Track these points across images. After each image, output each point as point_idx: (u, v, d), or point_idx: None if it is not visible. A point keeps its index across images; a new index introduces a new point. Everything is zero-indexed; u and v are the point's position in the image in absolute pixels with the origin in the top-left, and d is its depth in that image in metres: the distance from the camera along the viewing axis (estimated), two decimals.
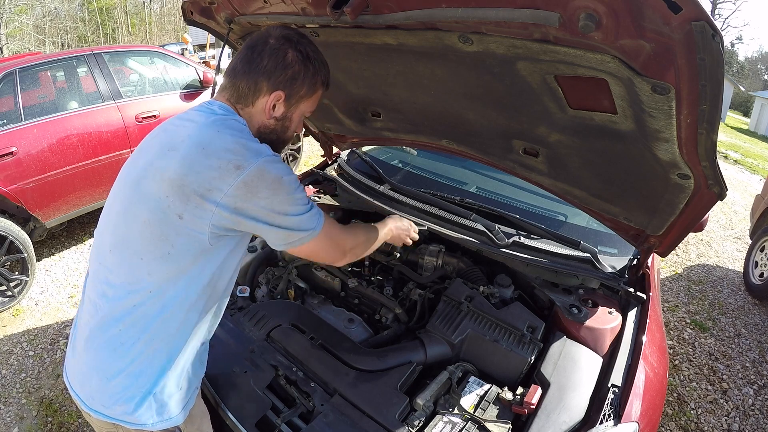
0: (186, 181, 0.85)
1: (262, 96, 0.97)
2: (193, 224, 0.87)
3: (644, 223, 1.36)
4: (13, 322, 3.01)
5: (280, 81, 0.96)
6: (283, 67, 0.96)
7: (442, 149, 1.71)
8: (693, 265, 4.31)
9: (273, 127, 1.02)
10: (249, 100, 0.98)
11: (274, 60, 0.95)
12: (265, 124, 1.01)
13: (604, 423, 1.13)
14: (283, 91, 0.97)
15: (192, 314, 0.96)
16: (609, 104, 0.95)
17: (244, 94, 0.97)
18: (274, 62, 0.95)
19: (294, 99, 1.00)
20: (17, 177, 3.06)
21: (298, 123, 1.07)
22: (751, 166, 9.99)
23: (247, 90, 0.97)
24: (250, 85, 0.96)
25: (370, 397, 1.22)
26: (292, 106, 1.01)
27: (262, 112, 0.99)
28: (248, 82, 0.96)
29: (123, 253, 0.92)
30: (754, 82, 45.68)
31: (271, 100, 0.97)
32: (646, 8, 0.64)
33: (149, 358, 0.93)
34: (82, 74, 3.68)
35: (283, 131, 1.04)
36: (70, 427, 2.23)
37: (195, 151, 0.87)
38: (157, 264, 0.89)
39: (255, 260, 1.81)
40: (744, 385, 2.76)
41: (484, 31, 0.89)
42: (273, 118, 1.00)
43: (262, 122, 1.00)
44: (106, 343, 0.93)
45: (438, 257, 1.79)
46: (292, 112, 1.03)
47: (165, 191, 0.86)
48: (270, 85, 0.96)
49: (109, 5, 29.75)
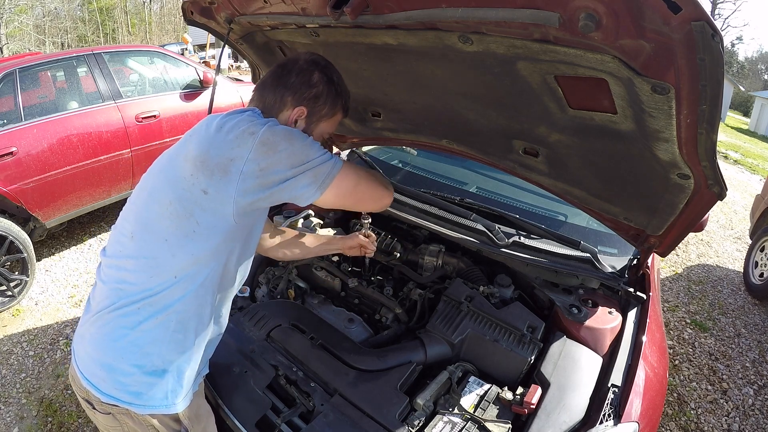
0: (208, 156, 0.92)
1: (286, 109, 1.05)
2: (218, 199, 0.92)
3: (644, 223, 1.36)
4: (13, 322, 3.01)
5: (304, 98, 1.05)
6: (308, 86, 1.05)
7: (442, 149, 1.71)
8: (693, 265, 4.31)
9: None
10: (273, 113, 1.04)
11: (301, 78, 1.05)
12: None
13: (604, 423, 1.13)
14: (306, 107, 1.05)
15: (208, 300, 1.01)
16: (609, 104, 0.95)
17: (269, 105, 1.05)
18: (301, 80, 1.04)
19: (315, 117, 1.08)
20: (17, 177, 3.06)
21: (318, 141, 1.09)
22: (751, 166, 9.99)
23: (273, 102, 1.04)
24: (276, 99, 1.04)
25: (370, 396, 1.22)
26: (312, 123, 1.09)
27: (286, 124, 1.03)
28: (275, 96, 1.04)
29: (146, 237, 0.96)
30: (754, 82, 45.68)
31: (293, 114, 1.05)
32: (646, 8, 0.64)
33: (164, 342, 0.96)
34: (82, 74, 3.68)
35: None
36: (70, 427, 2.23)
37: (213, 130, 0.94)
38: (181, 245, 0.93)
39: (255, 260, 1.80)
40: (744, 385, 2.76)
41: (484, 31, 0.89)
42: None
43: None
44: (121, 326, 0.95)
45: (438, 257, 1.79)
46: (312, 129, 1.10)
47: (189, 170, 0.93)
48: (294, 100, 1.04)
49: (109, 5, 29.75)
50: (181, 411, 1.03)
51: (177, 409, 1.02)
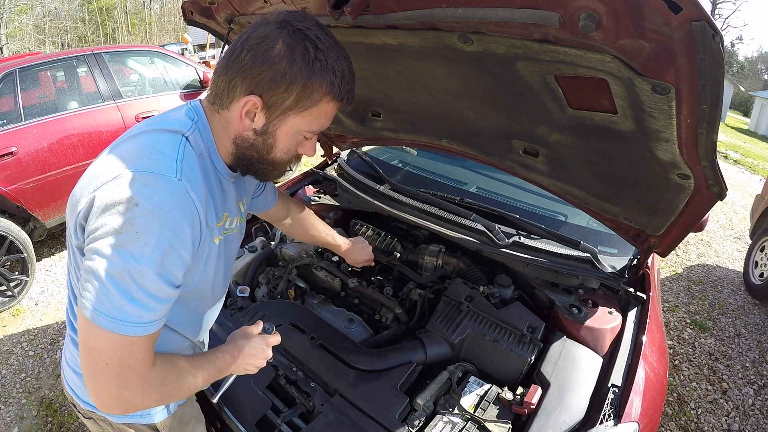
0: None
1: (236, 99, 0.75)
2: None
3: (644, 223, 1.36)
4: (13, 322, 3.01)
5: (257, 82, 0.72)
6: (262, 64, 0.71)
7: (442, 149, 1.71)
8: (693, 265, 4.31)
9: (252, 141, 0.80)
10: (224, 102, 0.77)
11: (254, 53, 0.71)
12: (242, 135, 0.80)
13: (604, 423, 1.13)
14: (260, 96, 0.73)
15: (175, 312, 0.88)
16: (609, 104, 0.95)
17: (220, 92, 0.77)
18: (254, 56, 0.71)
19: (277, 109, 0.75)
20: (17, 177, 3.06)
21: (289, 143, 0.81)
22: (751, 166, 9.99)
23: (222, 89, 0.76)
24: (225, 84, 0.75)
25: (370, 397, 1.22)
26: (275, 118, 0.77)
27: (238, 119, 0.77)
28: (225, 79, 0.75)
29: None
30: (754, 82, 45.68)
31: (243, 105, 0.75)
32: (646, 8, 0.64)
33: None
34: (82, 74, 3.68)
35: (265, 149, 0.81)
36: (70, 427, 2.23)
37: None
38: None
39: (255, 260, 1.81)
40: (744, 385, 2.76)
41: (484, 31, 0.89)
42: (251, 129, 0.78)
43: (239, 132, 0.80)
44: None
45: (438, 257, 1.79)
46: (276, 126, 0.78)
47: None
48: (245, 86, 0.73)
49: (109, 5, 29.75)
50: (159, 421, 0.99)
51: (153, 419, 0.98)
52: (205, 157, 0.80)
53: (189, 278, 0.81)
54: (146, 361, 0.71)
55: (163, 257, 0.68)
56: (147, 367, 0.71)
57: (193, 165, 0.75)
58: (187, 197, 0.71)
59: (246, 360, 0.95)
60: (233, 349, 0.93)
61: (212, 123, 0.81)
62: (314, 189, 2.23)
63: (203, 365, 0.84)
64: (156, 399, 0.74)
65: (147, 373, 0.71)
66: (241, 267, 1.76)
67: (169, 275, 0.70)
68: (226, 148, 0.83)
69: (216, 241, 0.85)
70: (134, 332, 0.67)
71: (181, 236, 0.70)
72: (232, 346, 0.94)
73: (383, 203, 1.91)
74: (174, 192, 0.69)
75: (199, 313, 0.99)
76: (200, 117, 0.81)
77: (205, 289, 0.92)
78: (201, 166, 0.78)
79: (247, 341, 0.96)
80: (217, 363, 0.88)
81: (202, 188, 0.76)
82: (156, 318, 0.70)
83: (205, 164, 0.80)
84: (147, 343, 0.70)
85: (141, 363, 0.70)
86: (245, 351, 0.94)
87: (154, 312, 0.69)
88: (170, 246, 0.68)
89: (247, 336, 0.98)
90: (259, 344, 0.98)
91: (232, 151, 0.83)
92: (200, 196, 0.74)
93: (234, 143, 0.82)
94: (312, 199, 2.13)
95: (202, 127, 0.80)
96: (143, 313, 0.67)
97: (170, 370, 0.76)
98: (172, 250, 0.69)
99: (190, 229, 0.72)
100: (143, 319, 0.68)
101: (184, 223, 0.70)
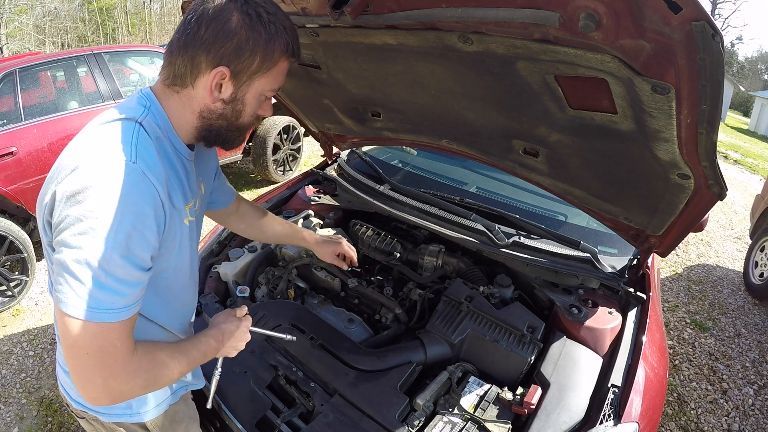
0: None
1: (202, 75, 0.79)
2: None
3: (644, 223, 1.36)
4: (13, 322, 3.01)
5: (222, 54, 0.77)
6: (224, 36, 0.76)
7: (442, 149, 1.71)
8: (693, 265, 4.31)
9: (221, 111, 0.84)
10: (187, 81, 0.80)
11: (214, 27, 0.75)
12: (209, 107, 0.83)
13: (604, 423, 1.13)
14: (227, 66, 0.77)
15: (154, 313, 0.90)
16: (609, 104, 0.95)
17: (180, 73, 0.79)
18: (214, 30, 0.75)
19: (244, 75, 0.80)
20: (17, 177, 3.06)
21: (255, 105, 0.87)
22: (751, 166, 9.99)
23: (183, 69, 0.79)
24: (187, 63, 0.78)
25: (370, 397, 1.22)
26: (243, 84, 0.81)
27: (205, 94, 0.80)
28: (184, 59, 0.78)
29: None
30: (754, 82, 45.67)
31: (212, 78, 0.78)
32: (646, 8, 0.64)
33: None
34: (82, 74, 3.68)
35: (234, 116, 0.86)
36: (70, 427, 2.23)
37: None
38: None
39: (255, 260, 1.81)
40: (744, 385, 2.76)
41: (484, 31, 0.89)
42: (220, 100, 0.82)
43: (205, 105, 0.82)
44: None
45: (438, 257, 1.79)
46: (244, 92, 0.83)
47: None
48: (210, 60, 0.77)
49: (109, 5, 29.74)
50: (149, 420, 0.99)
51: (143, 418, 0.98)
52: (162, 139, 0.81)
53: (165, 262, 0.83)
54: (126, 347, 0.72)
55: (127, 240, 0.69)
56: (128, 353, 0.73)
57: (149, 148, 0.76)
58: (144, 178, 0.72)
59: (229, 343, 0.98)
60: (217, 333, 0.95)
61: (167, 105, 0.83)
62: (314, 189, 2.23)
63: (187, 349, 0.86)
64: (142, 385, 0.76)
65: (129, 359, 0.73)
66: (241, 267, 1.76)
67: (135, 258, 0.70)
68: (189, 125, 0.85)
69: (186, 222, 0.87)
70: (108, 319, 0.68)
71: (143, 218, 0.71)
72: (216, 330, 0.96)
73: (383, 203, 1.91)
74: (130, 174, 0.70)
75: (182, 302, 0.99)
76: (152, 102, 0.83)
77: (184, 273, 0.93)
78: (158, 148, 0.80)
79: (229, 325, 0.99)
80: (201, 347, 0.90)
81: (161, 169, 0.77)
82: (128, 303, 0.71)
83: (163, 146, 0.82)
84: (124, 330, 0.72)
85: (121, 350, 0.71)
86: (227, 334, 0.97)
87: (125, 297, 0.70)
88: (133, 228, 0.69)
89: (231, 319, 1.00)
90: (240, 327, 1.00)
91: (197, 125, 0.85)
92: (159, 177, 0.75)
93: (200, 117, 0.84)
94: (312, 199, 2.13)
95: (156, 111, 0.82)
96: (114, 298, 0.69)
97: (154, 356, 0.78)
98: (135, 232, 0.70)
99: (151, 210, 0.73)
100: (115, 305, 0.69)
101: (144, 204, 0.71)
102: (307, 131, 2.18)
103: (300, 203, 2.13)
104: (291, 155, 5.18)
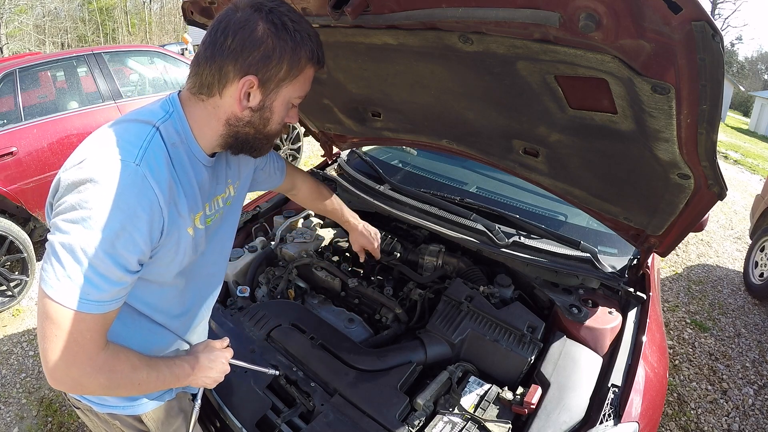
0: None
1: (230, 84, 0.79)
2: None
3: (644, 223, 1.36)
4: (13, 322, 3.01)
5: (250, 63, 0.77)
6: (252, 45, 0.76)
7: (442, 149, 1.71)
8: (693, 265, 4.31)
9: (249, 119, 0.85)
10: (214, 90, 0.81)
11: (241, 37, 0.76)
12: (237, 115, 0.84)
13: (604, 423, 1.13)
14: (255, 75, 0.78)
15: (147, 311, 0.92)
16: (609, 104, 0.95)
17: (207, 83, 0.80)
18: (241, 40, 0.76)
19: (272, 83, 0.81)
20: (17, 177, 3.06)
21: (283, 113, 0.88)
22: (751, 166, 9.99)
23: (211, 78, 0.79)
24: (214, 72, 0.79)
25: (370, 397, 1.22)
26: (270, 92, 0.82)
27: (233, 103, 0.82)
28: (212, 69, 0.79)
29: None
30: (754, 82, 45.67)
31: (241, 87, 0.79)
32: (647, 8, 0.64)
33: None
34: (82, 74, 3.68)
35: (262, 124, 0.86)
36: (70, 427, 2.23)
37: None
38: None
39: (255, 260, 1.81)
40: (744, 385, 2.76)
41: (485, 31, 0.89)
42: (248, 108, 0.83)
43: (232, 113, 0.83)
44: None
45: (438, 257, 1.79)
46: (272, 99, 0.84)
47: None
48: (238, 69, 0.78)
49: (109, 5, 29.74)
50: (144, 413, 1.00)
51: (137, 410, 0.99)
52: (178, 146, 0.82)
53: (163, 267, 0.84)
54: (95, 341, 0.73)
55: (114, 237, 0.69)
56: (96, 348, 0.73)
57: (158, 154, 0.77)
58: (145, 182, 0.73)
59: (203, 373, 0.96)
60: (192, 360, 0.95)
61: (192, 112, 0.84)
62: None
63: (159, 367, 0.86)
64: (104, 384, 0.76)
65: (96, 354, 0.74)
66: (241, 267, 1.76)
67: (119, 257, 0.71)
68: (214, 132, 0.85)
69: (190, 231, 0.86)
70: (81, 308, 0.69)
71: (134, 219, 0.71)
72: (191, 357, 0.96)
73: (383, 203, 1.91)
74: (130, 175, 0.71)
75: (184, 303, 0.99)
76: (176, 108, 0.83)
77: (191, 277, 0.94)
78: (173, 155, 0.80)
79: (206, 354, 0.98)
80: (174, 369, 0.89)
81: (166, 176, 0.77)
82: (105, 299, 0.71)
83: (178, 153, 0.82)
84: (96, 324, 0.72)
85: (90, 342, 0.72)
86: (202, 364, 0.95)
87: (102, 291, 0.71)
88: (122, 227, 0.70)
89: (208, 349, 0.99)
90: (218, 358, 0.99)
91: (223, 133, 0.85)
92: (161, 183, 0.75)
93: (227, 125, 0.84)
94: None
95: (178, 117, 0.82)
96: (90, 290, 0.69)
97: (122, 360, 0.79)
98: (124, 231, 0.70)
99: (145, 215, 0.73)
100: (90, 296, 0.70)
101: (138, 207, 0.72)
102: (307, 131, 2.18)
103: None
104: (291, 155, 5.19)
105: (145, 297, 0.88)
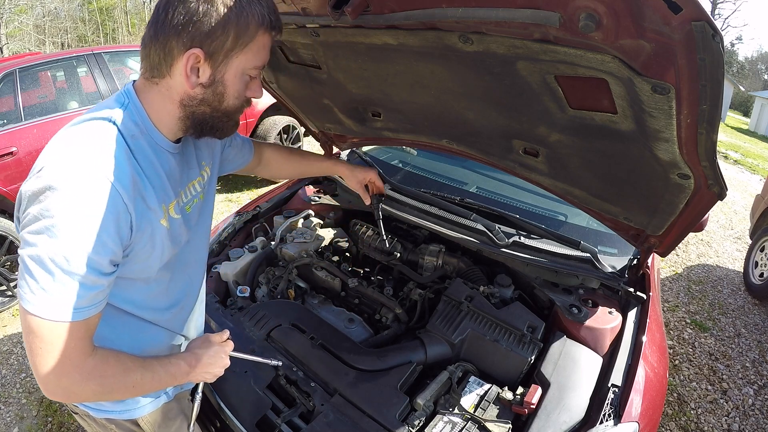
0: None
1: (176, 60, 0.75)
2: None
3: (644, 223, 1.36)
4: (13, 322, 3.01)
5: (193, 35, 0.73)
6: (193, 17, 0.72)
7: (442, 149, 1.71)
8: (693, 265, 4.31)
9: (202, 96, 0.80)
10: (163, 70, 0.77)
11: (181, 10, 0.72)
12: (189, 94, 0.79)
13: (604, 423, 1.13)
14: (200, 47, 0.74)
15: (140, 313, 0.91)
16: (609, 104, 0.95)
17: (155, 64, 0.77)
18: (181, 13, 0.72)
19: (220, 55, 0.76)
20: (17, 177, 3.07)
21: (238, 86, 0.82)
22: (751, 166, 9.99)
23: (158, 58, 0.76)
24: (159, 51, 0.75)
25: (370, 396, 1.22)
26: (219, 64, 0.77)
27: (183, 81, 0.77)
28: (157, 48, 0.75)
29: None
30: (754, 82, 45.65)
31: (186, 62, 0.74)
32: (647, 8, 0.64)
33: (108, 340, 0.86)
34: (82, 74, 3.68)
35: (217, 100, 0.81)
36: (70, 427, 2.23)
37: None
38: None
39: (255, 260, 1.81)
40: (744, 385, 2.76)
41: (485, 31, 0.89)
42: (199, 85, 0.78)
43: (185, 92, 0.79)
44: None
45: (438, 257, 1.79)
46: (223, 72, 0.78)
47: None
48: (181, 43, 0.73)
49: (109, 5, 29.74)
50: (140, 417, 0.99)
51: (134, 415, 0.98)
52: (138, 137, 0.79)
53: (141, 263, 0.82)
54: (80, 349, 0.72)
55: (81, 242, 0.68)
56: (83, 355, 0.72)
57: (118, 149, 0.74)
58: (105, 182, 0.71)
59: (204, 369, 0.94)
60: (190, 358, 0.92)
61: (147, 99, 0.81)
62: (314, 189, 2.23)
63: (154, 367, 0.84)
64: (96, 390, 0.75)
65: (83, 362, 0.72)
66: (241, 267, 1.76)
67: (89, 261, 0.69)
68: (172, 116, 0.82)
69: (164, 222, 0.84)
70: (60, 318, 0.68)
71: (99, 221, 0.69)
72: (189, 354, 0.93)
73: (383, 203, 1.91)
74: (90, 178, 0.69)
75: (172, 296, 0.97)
76: (131, 99, 0.81)
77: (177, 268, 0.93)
78: (133, 147, 0.77)
79: (206, 350, 0.95)
80: (170, 368, 0.87)
81: (127, 171, 0.74)
82: (83, 305, 0.70)
83: (140, 145, 0.79)
84: (79, 331, 0.71)
85: (75, 351, 0.71)
86: (203, 360, 0.93)
87: (79, 298, 0.69)
88: (88, 231, 0.68)
89: (207, 344, 0.97)
90: (218, 353, 0.97)
91: (180, 115, 0.82)
92: (123, 180, 0.73)
93: (181, 106, 0.81)
94: (312, 199, 2.13)
95: (134, 107, 0.80)
96: (66, 298, 0.68)
97: (112, 364, 0.77)
98: (90, 235, 0.69)
99: (110, 214, 0.71)
100: (67, 305, 0.69)
101: (101, 207, 0.70)
102: (307, 131, 2.18)
103: (300, 203, 2.14)
104: None
105: (131, 296, 0.87)
